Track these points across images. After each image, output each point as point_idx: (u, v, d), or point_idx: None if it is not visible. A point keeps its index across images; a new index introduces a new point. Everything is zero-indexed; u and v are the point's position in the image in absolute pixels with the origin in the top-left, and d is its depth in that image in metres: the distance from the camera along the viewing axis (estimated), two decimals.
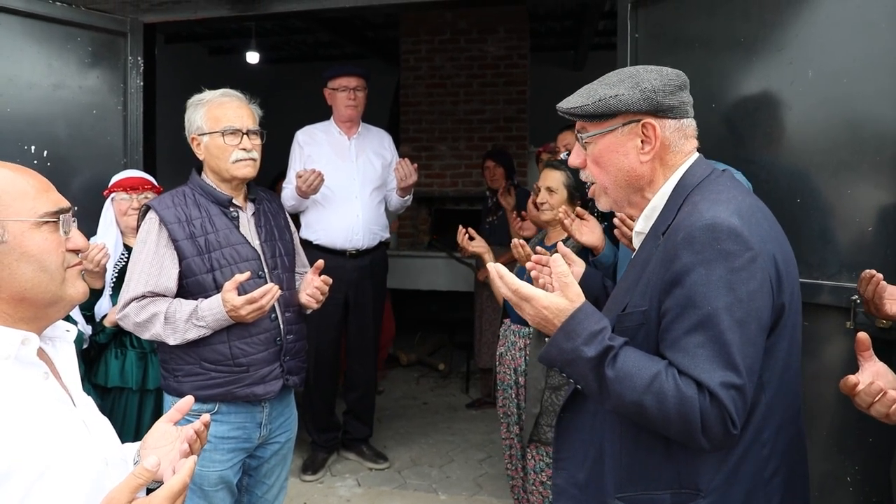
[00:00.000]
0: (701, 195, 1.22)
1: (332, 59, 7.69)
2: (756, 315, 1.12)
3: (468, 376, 5.00)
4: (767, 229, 1.20)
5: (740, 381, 1.10)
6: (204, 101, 2.05)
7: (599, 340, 1.15)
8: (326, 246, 3.40)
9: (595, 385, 1.16)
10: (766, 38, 2.14)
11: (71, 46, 2.94)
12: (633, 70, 1.29)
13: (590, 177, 1.35)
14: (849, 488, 1.98)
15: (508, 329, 2.62)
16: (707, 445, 1.12)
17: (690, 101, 1.31)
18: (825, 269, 2.01)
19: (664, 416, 1.11)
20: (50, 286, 1.03)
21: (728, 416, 1.09)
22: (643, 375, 1.12)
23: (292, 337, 2.08)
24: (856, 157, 1.93)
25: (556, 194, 2.44)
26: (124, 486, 0.96)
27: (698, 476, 1.19)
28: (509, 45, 6.01)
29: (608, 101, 1.25)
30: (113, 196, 2.60)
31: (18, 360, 1.00)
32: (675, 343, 1.14)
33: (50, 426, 0.99)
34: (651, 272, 1.21)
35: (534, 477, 2.40)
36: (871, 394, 1.19)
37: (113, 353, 2.49)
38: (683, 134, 1.29)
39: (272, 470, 2.15)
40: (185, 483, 1.00)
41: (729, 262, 1.11)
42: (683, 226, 1.17)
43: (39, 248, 1.02)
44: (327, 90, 3.52)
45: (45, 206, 1.04)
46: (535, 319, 1.21)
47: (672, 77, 1.28)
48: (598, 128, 1.29)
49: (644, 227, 1.33)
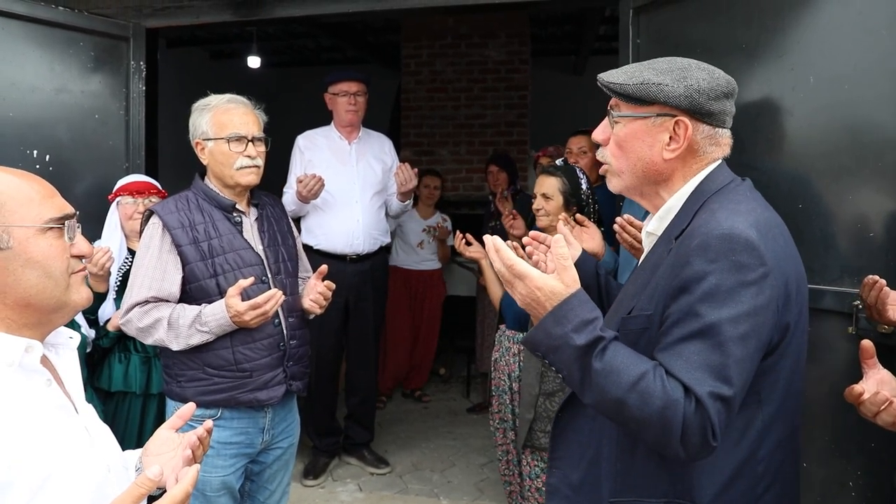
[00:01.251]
0: (719, 203, 1.18)
1: (334, 63, 7.70)
2: (757, 332, 1.10)
3: (469, 380, 5.00)
4: (783, 246, 1.18)
5: (730, 392, 1.07)
6: (210, 106, 2.04)
7: (590, 330, 1.10)
8: (327, 251, 3.40)
9: (578, 375, 1.12)
10: (767, 44, 2.15)
11: (73, 51, 2.95)
12: (685, 62, 1.24)
13: (607, 156, 1.30)
14: (851, 493, 1.98)
15: (503, 335, 2.62)
16: (682, 454, 1.08)
17: (732, 112, 1.27)
18: (827, 274, 2.01)
19: (645, 417, 1.07)
20: (55, 292, 1.03)
21: (710, 427, 1.06)
22: (631, 372, 1.08)
23: (296, 342, 2.08)
24: (857, 162, 1.93)
25: (552, 201, 2.44)
26: (126, 495, 0.96)
27: (693, 488, 1.17)
28: (510, 50, 6.02)
29: (650, 87, 1.20)
30: (118, 200, 2.61)
31: (22, 368, 1.00)
32: (670, 346, 1.11)
33: (53, 433, 0.99)
34: (660, 277, 1.18)
35: (529, 483, 2.40)
36: (876, 403, 1.18)
37: (116, 357, 2.50)
38: (715, 142, 1.25)
39: (275, 475, 2.14)
40: (188, 492, 0.99)
41: (741, 274, 1.08)
42: (699, 232, 1.13)
43: (44, 254, 1.02)
44: (328, 95, 3.52)
45: (49, 213, 1.04)
46: (525, 300, 1.16)
47: (722, 82, 1.23)
48: (631, 110, 1.24)
49: (657, 228, 1.29)
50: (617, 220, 1.97)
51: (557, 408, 1.38)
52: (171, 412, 2.04)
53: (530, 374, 2.34)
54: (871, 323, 1.80)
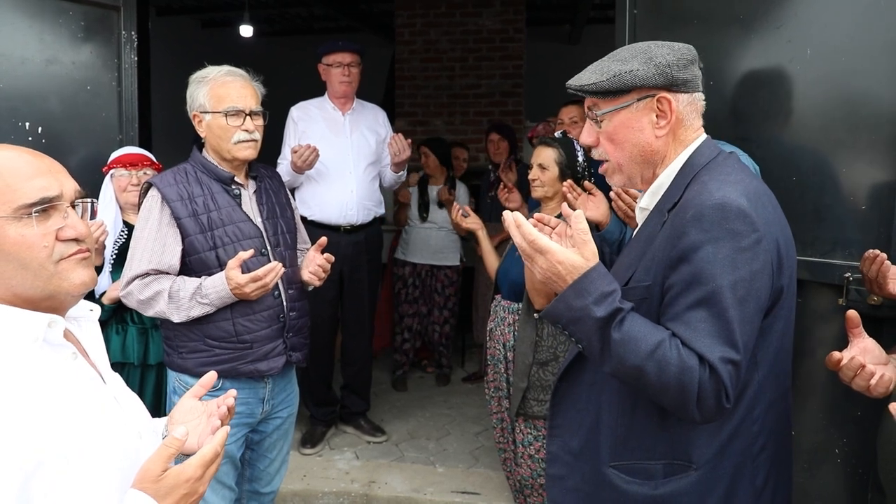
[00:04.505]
0: (709, 175, 1.23)
1: (327, 32, 7.60)
2: (756, 295, 1.15)
3: (464, 350, 5.05)
4: (772, 212, 1.22)
5: (738, 356, 1.12)
6: (207, 78, 2.02)
7: (610, 301, 1.15)
8: (321, 221, 3.40)
9: (598, 346, 1.17)
10: (764, 16, 2.14)
11: (63, 21, 2.90)
12: (643, 46, 1.29)
13: (603, 154, 1.34)
14: (836, 460, 2.04)
15: (499, 304, 2.64)
16: (698, 417, 1.15)
17: (700, 76, 1.31)
18: (819, 246, 2.03)
19: (663, 383, 1.13)
20: (36, 282, 0.98)
21: (724, 390, 1.12)
22: (648, 341, 1.13)
23: (295, 314, 2.10)
24: (852, 135, 1.94)
25: (547, 171, 2.45)
26: (157, 456, 1.00)
27: (691, 448, 1.23)
28: (505, 19, 5.96)
29: (623, 76, 1.25)
30: (112, 172, 2.59)
31: (47, 343, 1.00)
32: (677, 316, 1.16)
33: (83, 405, 1.01)
34: (656, 248, 1.23)
35: (522, 450, 2.44)
36: (852, 368, 1.25)
37: (114, 328, 2.51)
38: (695, 108, 1.30)
39: (274, 444, 2.18)
40: (217, 452, 1.04)
41: (736, 241, 1.13)
42: (693, 204, 1.18)
43: (16, 245, 0.96)
44: (321, 66, 3.49)
45: (22, 198, 0.97)
46: (546, 274, 1.19)
47: (684, 52, 1.28)
48: (612, 104, 1.28)
49: (649, 203, 1.34)
50: (612, 190, 1.99)
51: (554, 377, 1.41)
52: (173, 383, 2.07)
53: (524, 344, 2.37)
54: (861, 294, 1.84)
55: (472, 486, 3.18)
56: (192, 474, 1.01)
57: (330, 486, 3.18)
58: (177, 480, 0.99)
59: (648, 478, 1.26)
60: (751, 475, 1.24)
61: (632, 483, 1.27)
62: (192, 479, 1.00)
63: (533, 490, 2.48)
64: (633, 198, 1.95)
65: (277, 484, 2.26)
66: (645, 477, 1.26)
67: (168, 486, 0.98)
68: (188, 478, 1.00)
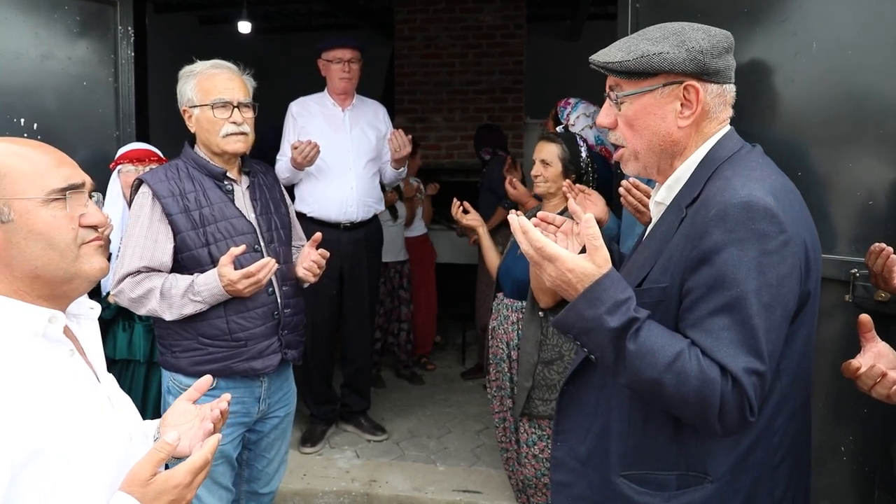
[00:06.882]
0: (733, 170, 1.14)
1: (326, 28, 7.56)
2: (783, 301, 1.08)
3: (464, 348, 5.03)
4: (799, 211, 1.15)
5: (763, 367, 1.06)
6: (195, 72, 2.00)
7: (624, 311, 1.08)
8: (320, 218, 3.38)
9: (612, 357, 1.10)
10: (769, 9, 2.11)
11: (58, 15, 2.87)
12: (678, 26, 1.19)
13: (620, 139, 1.25)
14: (842, 458, 2.01)
15: (501, 303, 2.61)
16: (720, 430, 1.08)
17: (734, 66, 1.22)
18: (825, 242, 1.98)
19: (682, 396, 1.06)
20: (61, 263, 1.02)
21: (748, 403, 1.05)
22: (666, 353, 1.06)
23: (290, 311, 2.08)
24: (858, 130, 1.92)
25: (550, 167, 2.42)
26: (146, 460, 1.01)
27: (708, 460, 1.16)
28: (505, 15, 5.93)
29: (651, 58, 1.15)
30: (119, 168, 2.58)
31: (46, 338, 1.01)
32: (698, 323, 1.09)
33: (76, 403, 1.01)
34: (674, 247, 1.15)
35: (527, 450, 2.42)
36: (871, 377, 1.19)
37: (120, 325, 2.50)
38: (724, 101, 1.21)
39: (272, 444, 2.16)
40: (208, 459, 1.05)
41: (762, 243, 1.06)
42: (716, 201, 1.09)
43: (47, 226, 1.01)
44: (321, 61, 3.46)
45: (53, 183, 1.03)
46: (556, 282, 1.13)
47: (720, 38, 1.19)
48: (635, 86, 1.19)
49: (665, 197, 1.25)
50: (623, 182, 1.94)
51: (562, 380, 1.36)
52: (167, 383, 2.04)
53: (529, 343, 2.34)
54: (868, 290, 1.81)
55: (473, 485, 3.15)
56: (180, 480, 1.01)
57: (330, 486, 3.16)
58: (165, 486, 1.00)
59: (661, 489, 1.19)
60: (769, 487, 1.18)
61: (643, 494, 1.19)
62: (180, 485, 1.01)
63: (536, 490, 2.46)
64: (644, 192, 1.88)
65: (276, 484, 2.24)
66: (657, 488, 1.19)
67: (156, 490, 0.99)
68: (176, 484, 1.01)
